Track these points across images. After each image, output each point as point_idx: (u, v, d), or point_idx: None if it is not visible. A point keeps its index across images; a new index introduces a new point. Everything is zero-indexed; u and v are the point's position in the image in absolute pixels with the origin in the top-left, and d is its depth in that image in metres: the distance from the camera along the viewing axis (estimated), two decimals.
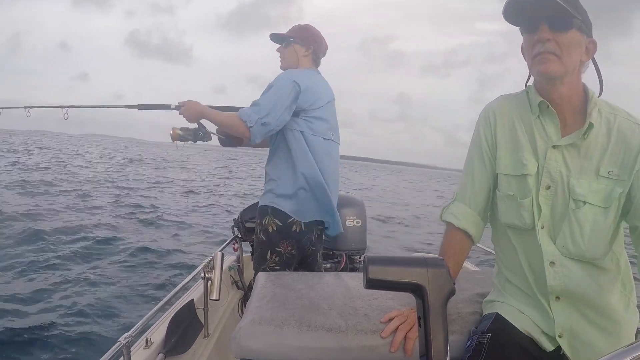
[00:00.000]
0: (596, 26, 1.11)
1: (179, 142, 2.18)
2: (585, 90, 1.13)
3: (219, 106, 2.15)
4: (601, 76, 1.14)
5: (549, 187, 1.12)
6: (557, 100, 1.11)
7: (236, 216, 2.79)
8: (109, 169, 23.16)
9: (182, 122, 2.15)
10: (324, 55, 2.29)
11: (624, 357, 0.55)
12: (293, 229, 2.06)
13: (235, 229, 2.76)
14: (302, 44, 2.19)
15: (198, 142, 2.23)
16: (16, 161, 20.98)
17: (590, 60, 1.13)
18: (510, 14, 1.12)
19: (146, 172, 23.30)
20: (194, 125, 2.16)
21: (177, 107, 2.13)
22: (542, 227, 1.12)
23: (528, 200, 1.13)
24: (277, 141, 2.13)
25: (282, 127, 2.04)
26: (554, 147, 1.11)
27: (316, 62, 2.27)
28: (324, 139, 2.14)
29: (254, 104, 2.00)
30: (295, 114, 2.05)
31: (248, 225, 2.67)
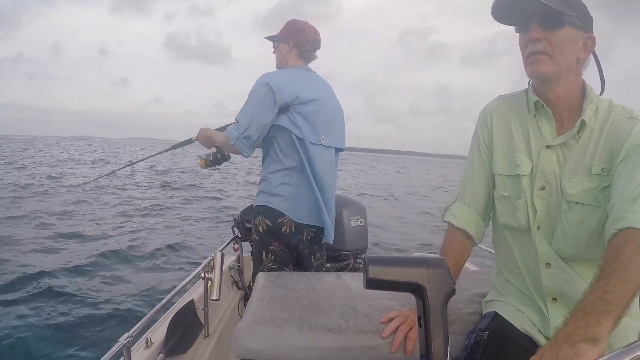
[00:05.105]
0: None
1: (209, 169, 2.38)
2: (584, 88, 1.10)
3: (223, 126, 2.25)
4: (602, 73, 1.11)
5: (543, 188, 1.10)
6: (554, 99, 1.09)
7: (236, 216, 2.79)
8: None
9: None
10: (312, 47, 2.16)
11: (624, 357, 0.55)
12: (283, 230, 2.04)
13: (235, 229, 2.76)
14: (284, 41, 2.15)
15: (223, 164, 2.40)
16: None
17: (592, 57, 1.09)
18: (499, 15, 1.08)
19: None
20: (213, 150, 2.31)
21: (197, 139, 2.33)
22: (538, 228, 1.11)
23: (522, 201, 1.12)
24: (266, 141, 2.11)
25: (267, 130, 2.02)
26: (547, 147, 1.10)
27: (303, 57, 2.15)
28: (312, 142, 2.03)
29: (235, 119, 2.03)
30: (284, 110, 2.00)
31: (248, 225, 2.66)
